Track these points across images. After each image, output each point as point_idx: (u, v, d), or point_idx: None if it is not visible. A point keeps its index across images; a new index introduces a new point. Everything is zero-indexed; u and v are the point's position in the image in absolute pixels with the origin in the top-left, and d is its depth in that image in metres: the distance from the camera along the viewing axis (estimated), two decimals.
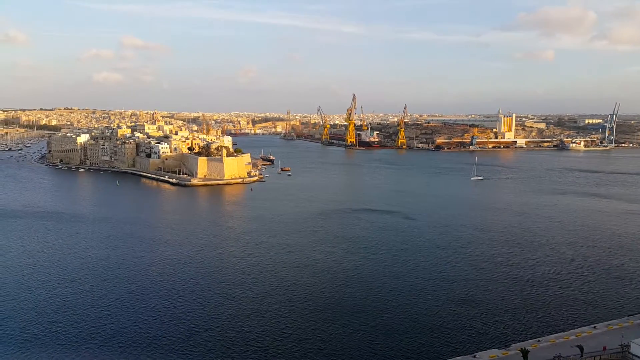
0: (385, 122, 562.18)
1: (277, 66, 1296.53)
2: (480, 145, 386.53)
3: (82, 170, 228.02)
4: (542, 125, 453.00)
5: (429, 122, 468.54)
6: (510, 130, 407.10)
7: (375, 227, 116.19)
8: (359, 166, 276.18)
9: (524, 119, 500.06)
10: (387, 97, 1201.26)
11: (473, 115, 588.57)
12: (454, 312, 65.78)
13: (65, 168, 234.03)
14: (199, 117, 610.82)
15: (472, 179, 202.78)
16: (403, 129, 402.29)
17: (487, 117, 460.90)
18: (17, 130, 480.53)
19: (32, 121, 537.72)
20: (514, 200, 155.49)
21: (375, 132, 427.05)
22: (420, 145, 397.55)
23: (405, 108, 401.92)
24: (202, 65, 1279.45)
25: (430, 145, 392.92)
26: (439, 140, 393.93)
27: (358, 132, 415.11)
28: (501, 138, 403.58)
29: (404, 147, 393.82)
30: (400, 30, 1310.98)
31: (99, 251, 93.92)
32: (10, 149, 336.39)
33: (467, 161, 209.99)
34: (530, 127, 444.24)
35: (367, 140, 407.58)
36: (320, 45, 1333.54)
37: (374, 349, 55.83)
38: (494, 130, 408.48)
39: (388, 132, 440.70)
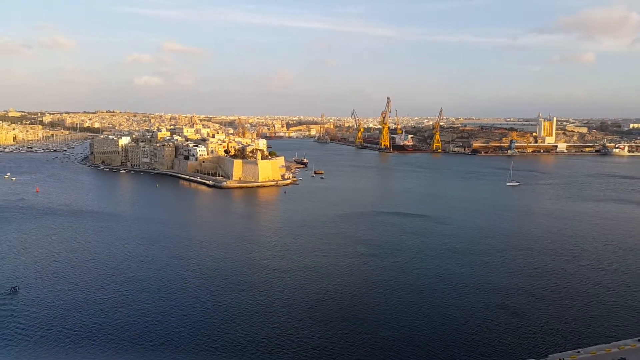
0: (420, 125, 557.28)
1: (311, 70, 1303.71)
2: (519, 150, 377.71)
3: (123, 171, 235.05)
4: (584, 130, 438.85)
5: (465, 126, 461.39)
6: (550, 135, 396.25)
7: (407, 232, 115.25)
8: (392, 170, 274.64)
9: (564, 123, 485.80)
10: (422, 101, 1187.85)
11: (512, 119, 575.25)
12: (488, 321, 64.54)
13: (107, 169, 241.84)
14: (235, 120, 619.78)
15: (508, 184, 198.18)
16: (438, 133, 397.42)
17: (527, 121, 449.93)
18: (62, 132, 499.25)
19: (76, 123, 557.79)
20: (551, 206, 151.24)
21: (410, 136, 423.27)
22: (456, 149, 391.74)
23: (440, 111, 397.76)
24: (239, 70, 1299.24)
25: (466, 149, 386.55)
26: (476, 144, 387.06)
27: (392, 135, 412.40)
28: (541, 142, 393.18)
29: (439, 150, 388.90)
30: (435, 33, 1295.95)
31: (135, 249, 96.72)
32: (55, 150, 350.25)
33: (504, 166, 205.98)
34: (572, 131, 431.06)
35: (401, 143, 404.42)
36: (354, 48, 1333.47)
37: (402, 357, 55.54)
38: (534, 134, 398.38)
39: (423, 136, 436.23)
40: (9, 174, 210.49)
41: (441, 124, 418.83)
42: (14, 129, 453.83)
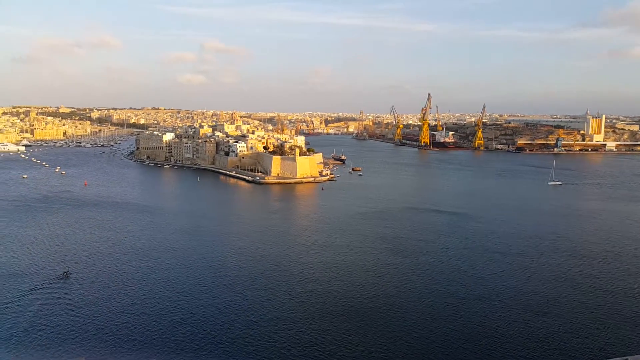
0: (461, 122, 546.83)
1: (349, 66, 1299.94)
2: (566, 148, 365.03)
3: (166, 166, 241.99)
4: (635, 128, 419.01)
5: (509, 123, 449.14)
6: (599, 132, 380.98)
7: (445, 231, 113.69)
8: (431, 167, 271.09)
9: (614, 121, 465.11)
10: (464, 97, 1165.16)
11: (558, 116, 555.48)
12: (529, 325, 62.86)
13: (152, 164, 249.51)
14: (275, 117, 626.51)
15: (549, 183, 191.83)
16: (481, 129, 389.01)
17: (574, 118, 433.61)
18: (109, 128, 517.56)
19: (123, 120, 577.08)
20: (596, 207, 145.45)
21: (451, 133, 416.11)
22: (499, 146, 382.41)
23: (483, 107, 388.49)
24: (278, 67, 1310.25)
25: (510, 146, 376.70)
26: (520, 141, 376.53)
27: (432, 132, 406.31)
28: (589, 140, 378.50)
29: (482, 148, 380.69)
30: (477, 28, 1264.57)
31: (175, 242, 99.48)
32: (102, 145, 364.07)
33: (549, 165, 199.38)
34: (622, 129, 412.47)
35: (442, 140, 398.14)
36: (393, 44, 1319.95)
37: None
38: (581, 132, 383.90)
39: (464, 133, 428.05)
40: (59, 167, 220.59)
41: (484, 120, 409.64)
42: (64, 125, 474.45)
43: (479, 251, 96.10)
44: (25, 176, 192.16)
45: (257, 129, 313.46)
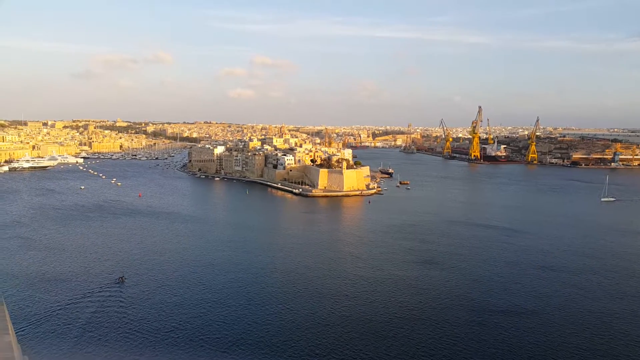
0: (514, 135, 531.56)
1: (397, 79, 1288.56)
2: (624, 163, 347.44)
3: (217, 178, 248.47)
4: None
5: (564, 136, 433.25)
6: None
7: (493, 246, 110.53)
8: (481, 181, 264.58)
9: None
10: (516, 110, 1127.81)
11: (615, 129, 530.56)
12: (589, 347, 60.36)
13: (203, 176, 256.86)
14: (322, 130, 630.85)
15: (602, 199, 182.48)
16: (534, 143, 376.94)
17: (632, 132, 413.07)
18: (164, 142, 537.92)
19: (176, 133, 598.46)
20: None
21: (502, 146, 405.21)
22: (553, 160, 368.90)
23: (537, 120, 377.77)
24: (325, 81, 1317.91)
25: (565, 160, 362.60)
26: (576, 155, 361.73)
27: (483, 145, 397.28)
28: None
29: (535, 162, 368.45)
30: (528, 39, 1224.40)
31: (223, 252, 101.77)
32: (157, 158, 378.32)
33: (604, 180, 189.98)
34: None
35: (493, 154, 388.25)
36: (443, 56, 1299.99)
37: None
38: None
39: (517, 146, 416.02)
40: (115, 179, 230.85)
41: (537, 133, 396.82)
42: (120, 138, 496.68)
43: (526, 267, 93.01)
44: (83, 187, 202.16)
45: (305, 142, 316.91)
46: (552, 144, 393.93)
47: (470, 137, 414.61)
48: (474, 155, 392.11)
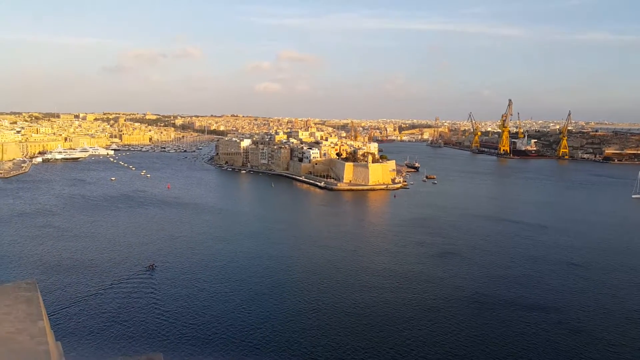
0: (544, 129, 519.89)
1: (425, 72, 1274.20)
2: None
3: (243, 171, 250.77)
4: None
5: (596, 131, 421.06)
6: None
7: (521, 242, 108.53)
8: (511, 176, 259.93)
9: None
10: (547, 104, 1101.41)
11: None
12: (618, 342, 58.97)
13: (230, 169, 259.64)
14: (348, 123, 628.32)
15: (633, 196, 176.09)
16: (566, 138, 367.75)
17: None
18: (192, 134, 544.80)
19: (204, 126, 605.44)
20: None
21: (533, 140, 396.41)
22: (585, 155, 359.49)
23: (569, 115, 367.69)
24: (352, 74, 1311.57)
25: (597, 156, 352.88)
26: (608, 150, 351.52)
27: (513, 140, 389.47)
28: None
29: (566, 157, 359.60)
30: (563, 32, 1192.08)
31: (247, 244, 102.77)
32: (185, 151, 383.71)
33: (638, 176, 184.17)
34: None
35: (523, 148, 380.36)
36: (472, 49, 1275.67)
37: None
38: None
39: (548, 141, 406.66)
40: (144, 170, 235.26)
41: (569, 128, 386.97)
42: (150, 131, 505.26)
43: (553, 263, 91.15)
44: (113, 178, 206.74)
45: (331, 136, 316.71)
46: (584, 139, 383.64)
47: (500, 131, 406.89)
48: (503, 150, 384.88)
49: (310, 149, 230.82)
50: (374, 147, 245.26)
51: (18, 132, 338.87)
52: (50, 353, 9.87)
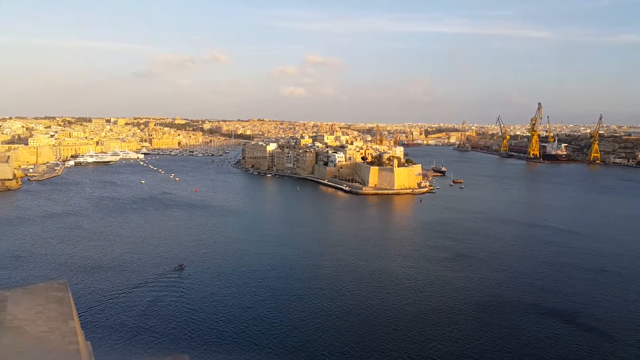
0: (575, 133, 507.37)
1: (451, 75, 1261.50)
2: None
3: (269, 175, 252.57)
4: None
5: (629, 135, 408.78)
6: None
7: (548, 248, 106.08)
8: (540, 181, 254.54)
9: None
10: (578, 107, 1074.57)
11: None
12: None
13: (256, 173, 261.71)
14: (374, 127, 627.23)
15: None
16: (597, 142, 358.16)
17: None
18: (219, 139, 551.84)
19: (231, 131, 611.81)
20: None
21: (563, 145, 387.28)
22: (617, 160, 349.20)
23: (600, 118, 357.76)
24: (377, 78, 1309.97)
25: (630, 160, 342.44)
26: None
27: (542, 144, 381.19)
28: None
29: (598, 162, 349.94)
30: (594, 34, 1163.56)
31: (272, 247, 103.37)
32: (212, 155, 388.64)
33: None
34: None
35: (553, 153, 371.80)
36: (500, 52, 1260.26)
37: None
38: None
39: (579, 145, 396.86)
40: (173, 174, 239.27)
41: (601, 132, 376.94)
42: (178, 135, 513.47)
43: (580, 269, 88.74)
44: (143, 181, 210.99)
45: (356, 140, 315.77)
46: (617, 143, 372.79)
47: (529, 134, 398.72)
48: (533, 154, 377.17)
49: (336, 152, 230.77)
50: (399, 151, 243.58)
51: (52, 136, 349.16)
52: (81, 352, 10.17)
